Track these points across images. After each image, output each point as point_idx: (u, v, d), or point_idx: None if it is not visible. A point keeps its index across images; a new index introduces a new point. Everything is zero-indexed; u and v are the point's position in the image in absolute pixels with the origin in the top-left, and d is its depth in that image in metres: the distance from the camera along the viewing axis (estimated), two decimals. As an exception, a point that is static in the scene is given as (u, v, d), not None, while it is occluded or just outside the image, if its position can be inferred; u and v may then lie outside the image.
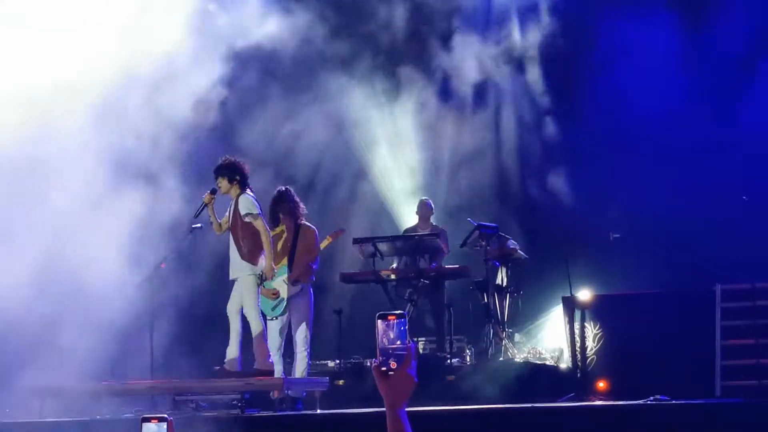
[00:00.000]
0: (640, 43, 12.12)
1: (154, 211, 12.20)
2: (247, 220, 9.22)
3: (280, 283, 9.56)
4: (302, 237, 9.67)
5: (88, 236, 10.81)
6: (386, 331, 2.60)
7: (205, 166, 10.70)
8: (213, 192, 9.47)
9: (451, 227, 11.78)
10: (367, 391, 9.05)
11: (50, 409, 9.54)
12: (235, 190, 9.41)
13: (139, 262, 11.14)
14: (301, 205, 9.72)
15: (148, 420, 2.63)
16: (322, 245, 9.55)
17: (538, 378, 9.72)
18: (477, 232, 10.81)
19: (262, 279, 9.28)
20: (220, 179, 9.44)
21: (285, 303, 9.51)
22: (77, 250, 9.88)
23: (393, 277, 11.04)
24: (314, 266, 9.63)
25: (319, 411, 8.89)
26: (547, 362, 10.56)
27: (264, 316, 9.57)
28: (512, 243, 10.97)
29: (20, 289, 9.99)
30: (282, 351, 9.62)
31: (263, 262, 9.23)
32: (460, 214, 11.67)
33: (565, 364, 10.50)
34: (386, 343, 2.60)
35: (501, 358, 10.38)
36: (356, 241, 10.77)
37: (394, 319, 2.61)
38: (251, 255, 9.28)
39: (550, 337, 11.53)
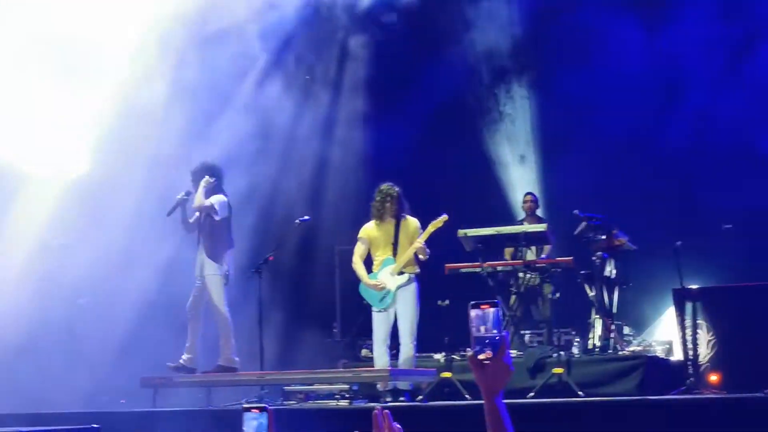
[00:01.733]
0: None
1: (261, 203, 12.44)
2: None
3: (386, 275, 9.59)
4: (404, 228, 9.68)
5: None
6: (480, 320, 2.59)
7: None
8: (188, 193, 10.09)
9: (557, 219, 11.67)
10: (475, 383, 9.01)
11: (163, 399, 9.79)
12: (210, 193, 10.04)
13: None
14: (402, 200, 9.74)
15: (249, 410, 2.66)
16: (425, 235, 9.54)
17: (648, 371, 9.54)
18: (584, 224, 10.69)
19: (227, 278, 9.88)
20: (197, 182, 10.06)
21: (391, 295, 9.53)
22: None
23: (499, 269, 10.98)
24: (420, 258, 9.63)
25: (425, 402, 8.90)
26: (658, 355, 10.39)
27: (370, 307, 9.65)
28: (620, 234, 10.80)
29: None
30: (388, 343, 9.65)
31: (227, 261, 9.97)
32: (565, 206, 11.52)
33: (675, 356, 10.33)
34: (480, 332, 2.59)
35: (609, 351, 10.24)
36: (462, 233, 10.72)
37: (487, 308, 2.59)
38: (217, 255, 9.91)
39: (660, 330, 11.35)
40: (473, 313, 2.60)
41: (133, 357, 11.20)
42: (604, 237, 10.74)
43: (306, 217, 10.73)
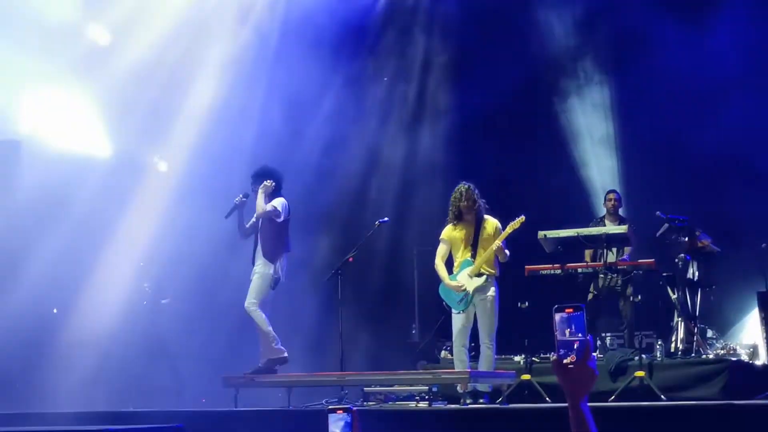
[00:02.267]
0: None
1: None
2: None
3: (465, 277, 9.57)
4: (484, 229, 9.66)
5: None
6: (564, 324, 2.59)
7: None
8: (246, 196, 10.11)
9: (638, 220, 11.55)
10: (555, 386, 8.98)
11: (245, 399, 9.90)
12: (270, 197, 10.04)
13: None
14: (480, 201, 9.70)
15: (334, 411, 2.70)
16: (503, 236, 9.51)
17: (732, 375, 9.39)
18: (667, 225, 10.55)
19: (276, 282, 9.88)
20: (257, 185, 10.08)
21: (470, 296, 9.51)
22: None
23: (579, 271, 10.89)
24: (500, 259, 9.60)
25: (505, 405, 8.87)
26: (742, 358, 10.22)
27: (450, 309, 9.65)
28: (704, 236, 10.65)
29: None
30: (467, 345, 9.63)
31: (280, 264, 9.93)
32: (647, 207, 11.39)
33: (760, 360, 10.15)
34: (565, 336, 2.58)
35: (692, 354, 10.10)
36: (541, 234, 10.66)
37: (571, 312, 2.59)
38: (273, 255, 9.87)
39: (745, 333, 11.16)
40: (558, 316, 2.60)
41: (214, 357, 11.35)
42: (687, 239, 10.60)
43: (385, 219, 10.76)
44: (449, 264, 9.77)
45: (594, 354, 2.59)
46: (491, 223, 9.69)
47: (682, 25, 12.64)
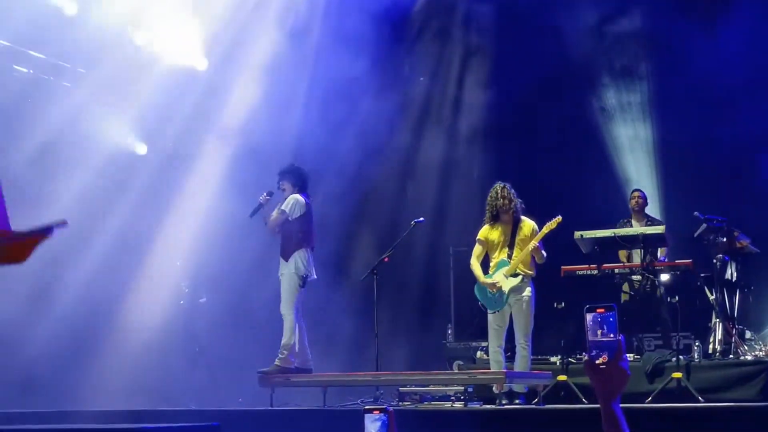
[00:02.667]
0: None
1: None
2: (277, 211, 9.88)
3: (500, 276, 9.56)
4: (521, 230, 9.64)
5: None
6: (596, 324, 2.59)
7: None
8: (270, 194, 10.08)
9: (674, 220, 11.49)
10: (591, 387, 8.93)
11: (280, 398, 9.94)
12: (292, 194, 9.99)
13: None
14: (516, 201, 9.68)
15: (371, 411, 2.71)
16: (539, 236, 9.49)
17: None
18: (705, 226, 10.47)
19: (304, 280, 9.79)
20: (283, 182, 10.03)
21: (505, 296, 9.49)
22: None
23: (616, 271, 10.84)
24: (536, 260, 9.57)
25: (542, 406, 8.85)
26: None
27: (485, 309, 9.64)
28: (743, 237, 10.56)
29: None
30: (503, 345, 9.61)
31: (298, 261, 9.79)
32: (685, 207, 11.31)
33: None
34: (596, 337, 2.58)
35: (730, 356, 10.02)
36: (578, 235, 10.62)
37: (603, 312, 2.59)
38: (286, 253, 9.83)
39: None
40: (589, 316, 2.60)
41: (250, 356, 11.40)
42: (725, 239, 10.51)
43: (421, 219, 10.76)
44: (485, 265, 9.76)
45: (628, 355, 2.58)
46: (528, 224, 9.67)
47: (708, 24, 12.58)
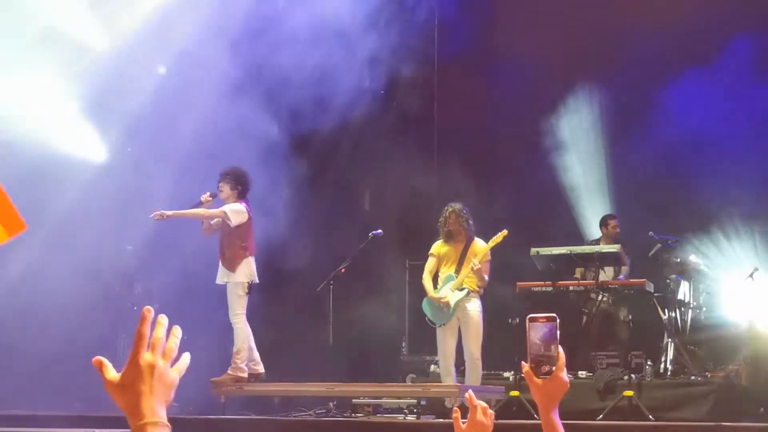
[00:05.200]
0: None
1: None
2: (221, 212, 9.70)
3: (447, 291, 9.60)
4: (471, 249, 9.69)
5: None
6: (538, 335, 2.59)
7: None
8: (213, 195, 9.87)
9: (632, 240, 11.58)
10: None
11: (233, 406, 9.88)
12: (233, 198, 9.81)
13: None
14: (469, 223, 9.73)
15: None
16: (486, 248, 9.55)
17: (721, 397, 9.40)
18: (659, 246, 10.59)
19: (249, 287, 9.72)
20: (222, 184, 9.86)
21: (452, 310, 9.53)
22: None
23: (571, 288, 10.91)
24: (477, 281, 9.59)
25: (496, 420, 8.84)
26: (731, 380, 10.23)
27: (433, 324, 9.67)
28: (695, 257, 10.69)
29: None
30: (454, 359, 9.64)
31: (244, 269, 9.69)
32: (639, 227, 11.41)
33: (747, 381, 10.17)
34: (538, 347, 2.59)
35: (681, 375, 10.11)
36: (534, 251, 10.68)
37: (544, 322, 2.60)
38: (231, 263, 9.71)
39: (735, 354, 11.17)
40: (531, 326, 2.60)
41: (201, 365, 11.31)
42: (678, 259, 10.63)
43: (378, 231, 10.77)
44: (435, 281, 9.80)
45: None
46: (480, 247, 9.71)
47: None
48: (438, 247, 9.84)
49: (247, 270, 9.74)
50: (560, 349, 2.58)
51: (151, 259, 11.99)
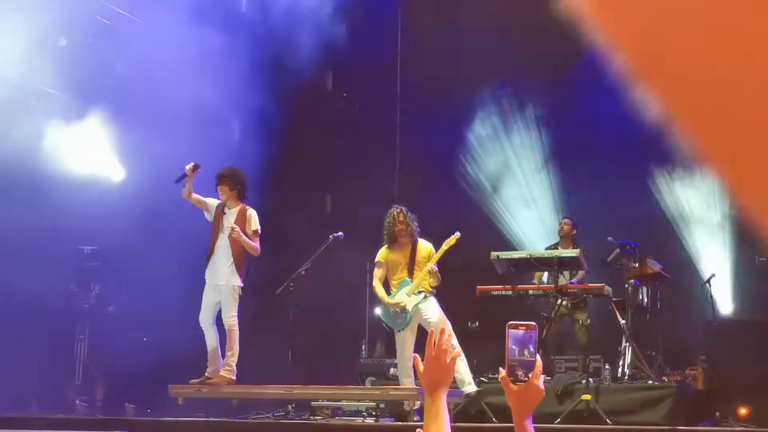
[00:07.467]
0: None
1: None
2: (251, 232, 9.74)
3: (403, 296, 9.61)
4: (418, 252, 9.71)
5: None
6: (516, 342, 2.61)
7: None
8: (196, 167, 9.68)
9: (592, 245, 11.63)
10: (502, 406, 8.99)
11: (188, 409, 9.82)
12: (235, 200, 9.80)
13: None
14: (413, 225, 9.75)
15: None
16: (439, 253, 9.57)
17: (677, 400, 9.48)
18: (618, 251, 10.64)
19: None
20: (221, 186, 9.83)
21: (409, 315, 9.54)
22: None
23: (531, 292, 10.95)
24: (432, 282, 9.62)
25: (452, 424, 8.85)
26: (688, 385, 10.32)
27: (391, 330, 9.66)
28: (654, 263, 10.75)
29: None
30: (412, 362, 9.62)
31: (243, 272, 9.82)
32: (600, 232, 11.47)
33: (704, 387, 10.27)
34: (515, 354, 2.61)
35: (639, 379, 10.17)
36: (494, 255, 10.70)
37: (524, 329, 2.62)
38: (239, 265, 9.77)
39: (697, 360, 11.28)
40: (510, 333, 2.62)
41: (162, 366, 11.24)
42: (637, 265, 10.69)
43: (339, 233, 10.75)
44: (386, 287, 9.80)
45: (542, 375, 2.64)
46: (425, 247, 9.74)
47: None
48: (384, 254, 9.85)
49: (244, 273, 9.81)
50: (538, 357, 2.60)
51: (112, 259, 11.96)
